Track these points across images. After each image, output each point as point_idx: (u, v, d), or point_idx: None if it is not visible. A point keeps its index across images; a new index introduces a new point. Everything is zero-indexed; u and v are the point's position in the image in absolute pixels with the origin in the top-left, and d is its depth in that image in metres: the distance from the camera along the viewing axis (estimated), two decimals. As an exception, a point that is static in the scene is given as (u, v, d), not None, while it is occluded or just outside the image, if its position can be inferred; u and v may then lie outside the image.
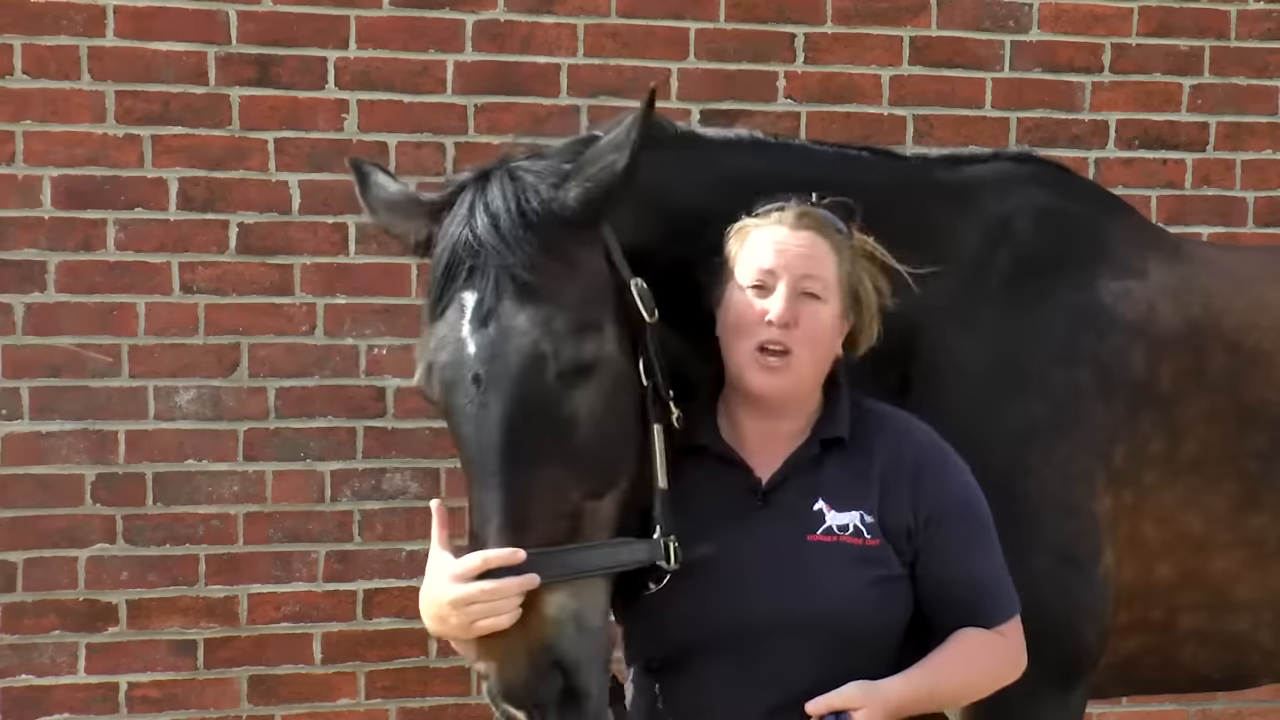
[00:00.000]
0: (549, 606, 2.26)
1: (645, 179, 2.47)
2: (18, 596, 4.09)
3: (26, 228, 4.06)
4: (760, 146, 2.87)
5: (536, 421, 2.31)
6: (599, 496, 2.35)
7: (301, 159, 4.17)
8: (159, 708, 4.17)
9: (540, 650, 2.25)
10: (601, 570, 2.32)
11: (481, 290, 2.35)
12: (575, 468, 2.32)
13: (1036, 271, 2.93)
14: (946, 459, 2.47)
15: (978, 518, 2.46)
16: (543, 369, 2.31)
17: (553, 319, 2.32)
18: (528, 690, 2.26)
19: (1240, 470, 2.93)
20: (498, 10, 4.25)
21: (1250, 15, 4.63)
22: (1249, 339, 2.99)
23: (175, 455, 4.15)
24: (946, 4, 4.46)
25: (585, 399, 2.34)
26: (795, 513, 2.38)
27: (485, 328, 2.34)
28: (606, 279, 2.43)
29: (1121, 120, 4.56)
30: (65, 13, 4.04)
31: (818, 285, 2.38)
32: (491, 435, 2.33)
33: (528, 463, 2.30)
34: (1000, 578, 2.46)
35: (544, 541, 2.28)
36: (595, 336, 2.35)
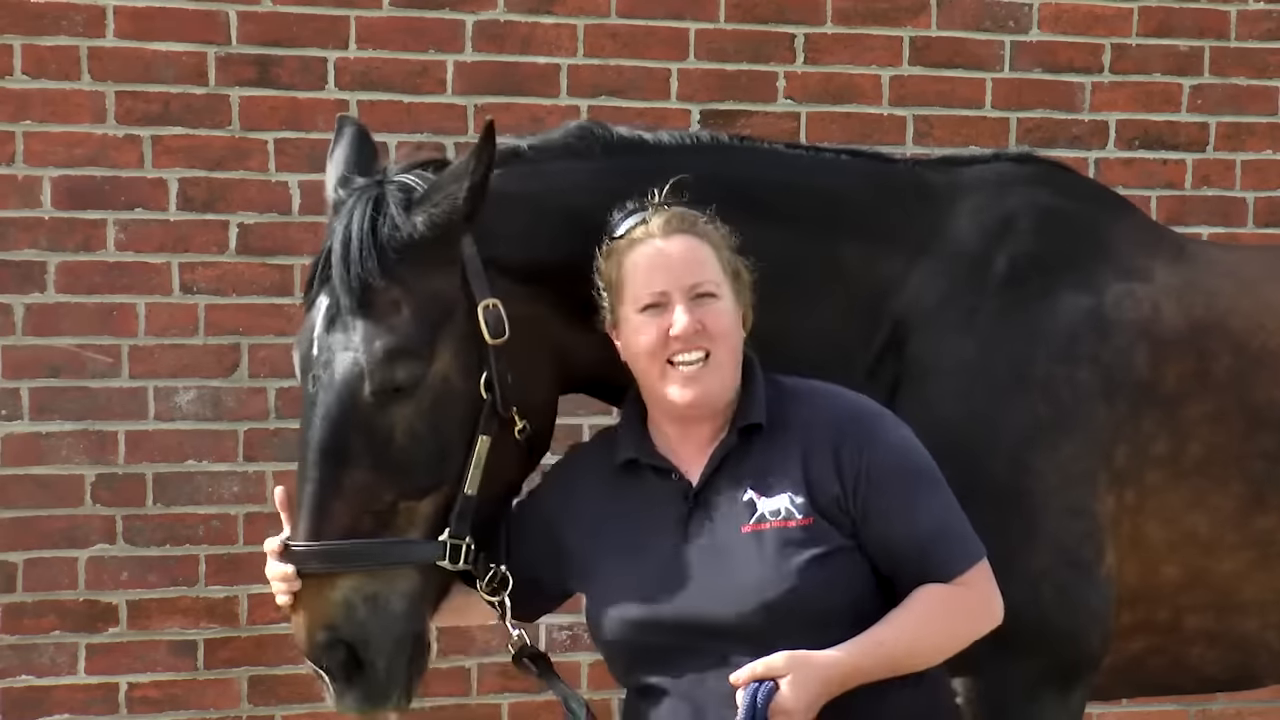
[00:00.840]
0: (336, 590, 2.55)
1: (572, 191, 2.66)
2: (18, 597, 4.10)
3: (26, 228, 4.06)
4: (714, 150, 2.87)
5: (351, 429, 2.54)
6: (415, 498, 2.56)
7: (301, 159, 4.17)
8: (159, 708, 4.17)
9: (323, 626, 2.56)
10: (379, 564, 2.55)
11: (330, 298, 2.58)
12: (387, 472, 2.54)
13: (1038, 271, 2.92)
14: (869, 418, 2.42)
15: (914, 470, 2.40)
16: (359, 385, 2.53)
17: (374, 340, 2.53)
18: (314, 657, 2.58)
19: (1247, 471, 2.92)
20: (498, 10, 4.25)
21: (1250, 15, 4.63)
22: (1255, 340, 2.98)
23: (175, 455, 4.15)
24: (946, 4, 4.46)
25: (402, 414, 2.54)
26: (727, 508, 2.38)
27: (328, 334, 2.58)
28: (449, 301, 2.57)
29: (1121, 120, 4.56)
30: (65, 13, 4.04)
31: (709, 284, 2.38)
32: (312, 434, 2.57)
33: (337, 463, 2.54)
34: (949, 526, 2.39)
35: (343, 534, 2.54)
36: (415, 362, 2.54)
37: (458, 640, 4.31)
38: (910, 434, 2.45)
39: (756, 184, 2.77)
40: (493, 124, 2.56)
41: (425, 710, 4.31)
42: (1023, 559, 2.71)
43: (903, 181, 2.98)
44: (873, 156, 3.12)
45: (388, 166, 2.73)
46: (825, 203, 2.83)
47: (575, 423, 4.33)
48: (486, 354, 2.58)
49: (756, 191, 2.75)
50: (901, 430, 2.44)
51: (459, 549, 2.58)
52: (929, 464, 2.42)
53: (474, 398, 2.58)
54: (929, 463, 2.43)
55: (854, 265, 2.82)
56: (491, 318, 2.57)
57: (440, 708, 4.31)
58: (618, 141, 2.79)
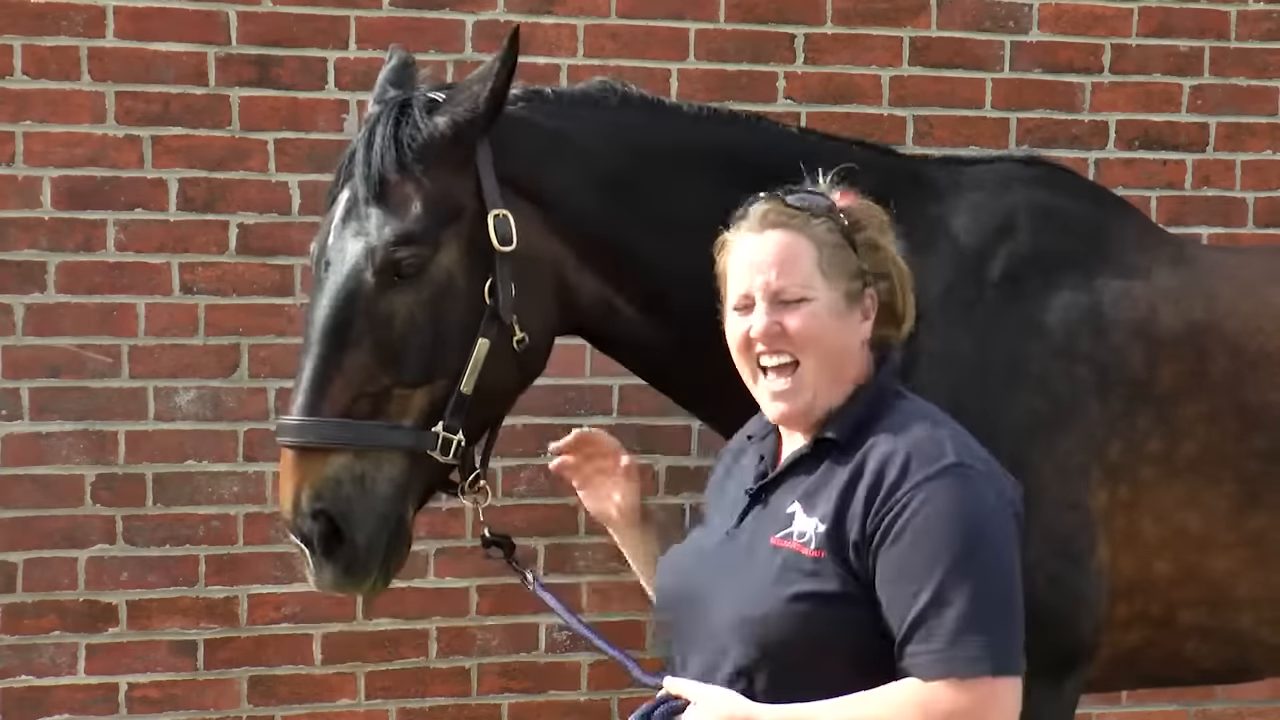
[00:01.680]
0: (326, 465, 2.67)
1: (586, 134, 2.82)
2: (18, 597, 4.09)
3: (26, 228, 4.06)
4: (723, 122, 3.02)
5: (355, 311, 2.69)
6: (410, 387, 2.70)
7: (302, 159, 4.17)
8: (159, 708, 4.17)
9: (310, 496, 2.68)
10: (372, 445, 2.67)
11: (350, 192, 2.76)
12: (385, 357, 2.68)
13: (1036, 269, 2.95)
14: (926, 472, 2.12)
15: (944, 546, 2.07)
16: (365, 268, 2.69)
17: (384, 226, 2.69)
18: (295, 526, 2.71)
19: (1241, 471, 2.95)
20: (498, 10, 4.25)
21: (1250, 16, 4.63)
22: (1253, 342, 3.01)
23: (175, 456, 4.15)
24: (946, 4, 4.46)
25: (404, 301, 2.69)
26: (773, 513, 2.27)
27: (343, 225, 2.75)
28: (460, 203, 2.74)
29: (1121, 121, 4.56)
30: (65, 13, 4.04)
31: (795, 289, 2.24)
32: (317, 313, 2.71)
33: (339, 344, 2.68)
34: (949, 620, 2.04)
35: (339, 413, 2.67)
36: (420, 248, 2.69)
37: (458, 640, 4.31)
38: (972, 501, 2.11)
39: (762, 159, 2.81)
40: (518, 30, 2.76)
41: (425, 710, 4.31)
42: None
43: (906, 174, 3.01)
44: (878, 148, 3.15)
45: (420, 85, 2.93)
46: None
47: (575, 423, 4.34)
48: (493, 261, 2.73)
49: (763, 167, 2.76)
50: (964, 498, 2.10)
51: (450, 442, 2.71)
52: (970, 545, 2.07)
53: (477, 300, 2.72)
54: (972, 543, 2.07)
55: None
56: (501, 226, 2.73)
57: (440, 708, 4.32)
58: (636, 99, 2.98)
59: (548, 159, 2.83)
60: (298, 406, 2.72)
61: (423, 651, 4.30)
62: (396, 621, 4.28)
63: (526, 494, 4.33)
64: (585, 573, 4.36)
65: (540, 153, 2.83)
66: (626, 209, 2.87)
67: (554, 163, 2.84)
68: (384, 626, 4.28)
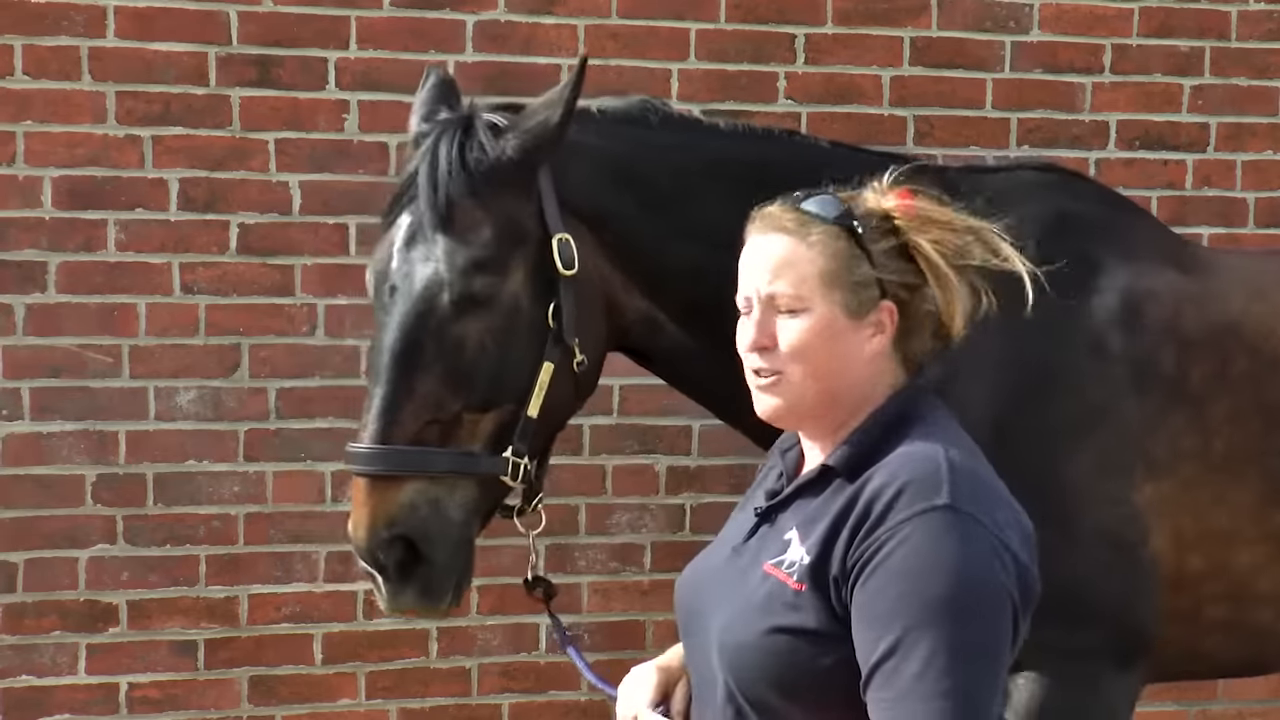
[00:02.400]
0: (401, 492, 2.70)
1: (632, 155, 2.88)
2: (18, 597, 4.10)
3: (27, 228, 4.06)
4: (758, 139, 3.07)
5: (426, 337, 2.71)
6: (479, 411, 2.74)
7: (302, 160, 4.17)
8: (159, 708, 4.17)
9: (386, 524, 2.70)
10: (447, 471, 2.71)
11: (414, 216, 2.76)
12: (455, 383, 2.71)
13: (1064, 273, 2.97)
14: (914, 510, 1.97)
15: (915, 594, 1.92)
16: (438, 295, 2.71)
17: (455, 254, 2.71)
18: (370, 553, 2.73)
19: (1264, 468, 3.03)
20: (498, 11, 4.25)
21: (1251, 16, 4.63)
22: (1268, 344, 3.09)
23: (176, 456, 4.15)
24: (947, 5, 4.46)
25: (475, 327, 2.71)
26: (773, 536, 2.16)
27: (407, 250, 2.75)
28: (525, 228, 2.77)
29: (1122, 121, 4.56)
30: (66, 13, 4.04)
31: (787, 299, 2.11)
32: (388, 341, 2.72)
33: (410, 370, 2.70)
34: (906, 675, 1.89)
35: (409, 439, 2.70)
36: (492, 276, 2.72)
37: (458, 640, 4.31)
38: (956, 550, 1.94)
39: (792, 173, 2.83)
40: (586, 60, 2.83)
41: (425, 710, 4.31)
42: (1069, 547, 2.80)
43: (936, 186, 3.04)
44: (903, 159, 3.18)
45: (473, 102, 2.96)
46: None
47: (575, 423, 4.34)
48: (556, 284, 2.77)
49: (795, 182, 2.80)
50: (945, 544, 1.94)
51: (518, 466, 2.76)
52: (944, 596, 1.92)
53: (541, 324, 2.77)
54: (946, 595, 1.92)
55: None
56: (564, 250, 2.77)
57: (440, 708, 4.32)
58: (675, 119, 3.05)
59: (600, 181, 2.87)
60: (370, 434, 2.73)
61: (423, 651, 4.30)
62: (397, 622, 4.27)
63: (527, 494, 4.32)
64: (585, 573, 4.36)
65: (593, 175, 2.87)
66: (669, 227, 2.92)
67: (605, 185, 2.88)
68: (384, 626, 4.28)
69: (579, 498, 4.35)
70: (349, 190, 4.20)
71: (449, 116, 2.90)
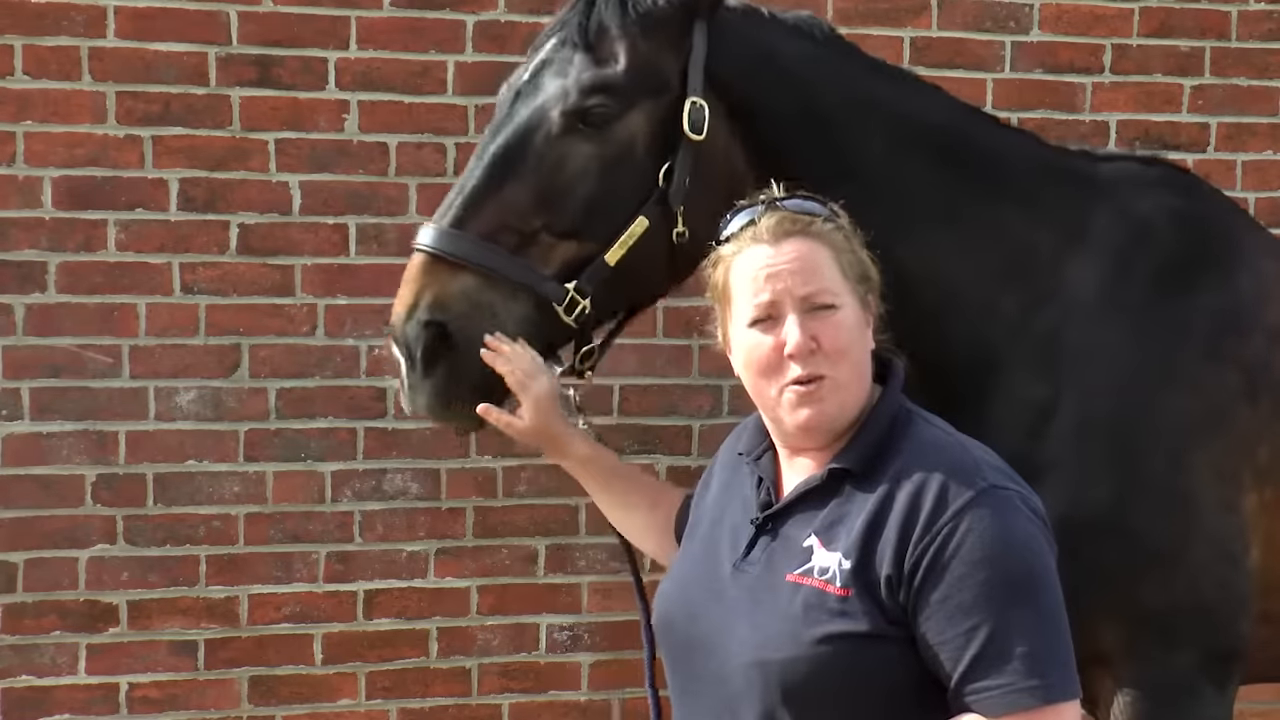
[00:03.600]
0: (456, 280, 2.63)
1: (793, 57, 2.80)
2: (18, 597, 4.09)
3: (27, 228, 4.06)
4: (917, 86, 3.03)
5: (530, 145, 2.67)
6: (558, 237, 2.67)
7: (302, 160, 4.17)
8: (159, 708, 4.17)
9: (428, 304, 2.64)
10: (507, 275, 2.63)
11: (559, 39, 2.76)
12: (544, 199, 2.66)
13: (1178, 271, 2.95)
14: (966, 498, 2.02)
15: (998, 577, 1.98)
16: (555, 105, 2.68)
17: (585, 70, 2.68)
18: (403, 331, 2.65)
19: None
20: (498, 11, 4.25)
21: (1251, 16, 4.63)
22: None
23: (176, 456, 4.15)
24: (947, 5, 4.46)
25: (580, 150, 2.67)
26: (787, 546, 2.14)
27: (544, 65, 2.74)
28: (664, 79, 2.72)
29: (1122, 121, 4.56)
30: (66, 13, 4.04)
31: (824, 295, 2.13)
32: (493, 141, 2.70)
33: (504, 172, 2.66)
34: (1014, 651, 1.95)
35: (486, 234, 2.64)
36: (612, 103, 2.67)
37: (458, 640, 4.31)
38: (1019, 527, 2.01)
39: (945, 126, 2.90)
40: None
41: (425, 710, 4.31)
42: (1185, 552, 2.76)
43: (1056, 165, 3.03)
44: (1027, 133, 3.18)
45: None
46: (993, 162, 2.91)
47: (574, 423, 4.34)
48: (678, 146, 2.70)
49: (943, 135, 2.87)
50: (1008, 523, 2.01)
51: (576, 304, 2.67)
52: (1024, 573, 1.99)
53: (649, 179, 2.70)
54: (1025, 571, 2.00)
55: (1015, 231, 2.87)
56: (696, 114, 2.71)
57: (441, 708, 4.32)
58: (838, 40, 2.95)
59: (755, 71, 2.80)
60: (445, 219, 2.68)
61: (423, 651, 4.30)
62: (397, 622, 4.28)
63: (527, 494, 4.32)
64: (585, 573, 4.36)
65: (749, 62, 2.80)
66: (819, 148, 2.80)
67: (759, 77, 2.80)
68: (384, 626, 4.28)
69: (579, 498, 4.34)
70: (349, 190, 4.20)
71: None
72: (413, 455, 4.26)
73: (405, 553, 4.28)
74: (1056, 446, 2.79)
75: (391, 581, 4.27)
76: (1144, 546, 2.76)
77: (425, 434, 4.25)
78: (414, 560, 4.28)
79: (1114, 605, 2.77)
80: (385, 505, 4.26)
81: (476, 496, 4.30)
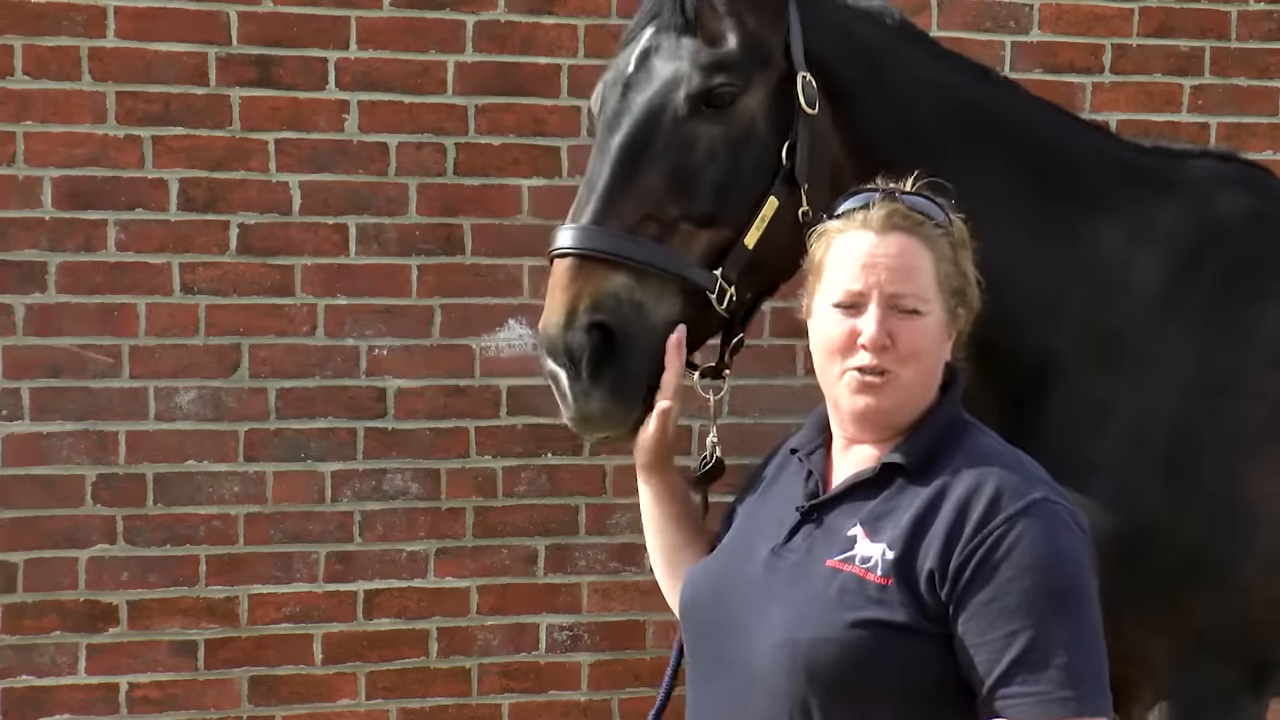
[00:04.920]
0: (610, 279, 2.49)
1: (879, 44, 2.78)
2: (18, 597, 4.09)
3: (27, 228, 4.06)
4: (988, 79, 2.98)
5: (658, 130, 2.59)
6: (696, 224, 2.58)
7: (302, 160, 4.17)
8: (159, 708, 4.17)
9: (586, 307, 2.48)
10: (650, 264, 2.52)
11: (658, 27, 2.66)
12: (679, 186, 2.57)
13: (1249, 273, 2.91)
14: (1019, 505, 2.03)
15: (1045, 586, 1.99)
16: (676, 88, 2.60)
17: (700, 52, 2.61)
18: (564, 340, 2.49)
19: None
20: (498, 11, 4.25)
21: (1251, 16, 4.63)
22: None
23: (176, 456, 4.15)
24: (947, 5, 4.46)
25: (708, 132, 2.59)
26: (830, 534, 2.15)
27: (648, 54, 2.65)
28: (772, 55, 2.66)
29: (1122, 121, 4.56)
30: (66, 14, 4.04)
31: (913, 299, 2.13)
32: (619, 129, 2.60)
33: (635, 163, 2.57)
34: (1053, 660, 1.97)
35: (628, 228, 2.53)
36: (734, 80, 2.60)
37: (458, 640, 4.31)
38: (1068, 541, 2.04)
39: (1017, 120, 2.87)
40: None
41: (425, 710, 4.31)
42: (1238, 566, 2.73)
43: (1126, 162, 2.99)
44: (1100, 129, 3.16)
45: None
46: (1064, 159, 2.88)
47: (576, 423, 4.34)
48: (795, 121, 2.65)
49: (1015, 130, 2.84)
50: (1058, 536, 2.03)
51: (725, 293, 2.58)
52: (1070, 586, 2.01)
53: (773, 156, 2.64)
54: (1070, 585, 2.01)
55: (1081, 229, 2.85)
56: (809, 89, 2.66)
57: (441, 708, 4.32)
58: (909, 27, 2.94)
59: (844, 52, 2.76)
60: (586, 215, 2.55)
61: (423, 651, 4.30)
62: (397, 622, 4.28)
63: (526, 494, 4.33)
64: (585, 573, 4.36)
65: (838, 43, 2.76)
66: (897, 136, 2.78)
67: (849, 59, 2.76)
68: (384, 627, 4.28)
69: (579, 498, 4.35)
70: (349, 190, 4.20)
71: None
72: (412, 455, 4.26)
73: (405, 553, 4.28)
74: (1112, 449, 2.76)
75: (391, 581, 4.27)
76: (1196, 558, 2.72)
77: (425, 434, 4.25)
78: (414, 560, 4.28)
79: (1161, 615, 2.75)
80: (385, 505, 4.26)
81: (476, 496, 4.30)
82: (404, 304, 4.23)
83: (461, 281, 4.27)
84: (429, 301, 4.26)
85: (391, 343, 4.24)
